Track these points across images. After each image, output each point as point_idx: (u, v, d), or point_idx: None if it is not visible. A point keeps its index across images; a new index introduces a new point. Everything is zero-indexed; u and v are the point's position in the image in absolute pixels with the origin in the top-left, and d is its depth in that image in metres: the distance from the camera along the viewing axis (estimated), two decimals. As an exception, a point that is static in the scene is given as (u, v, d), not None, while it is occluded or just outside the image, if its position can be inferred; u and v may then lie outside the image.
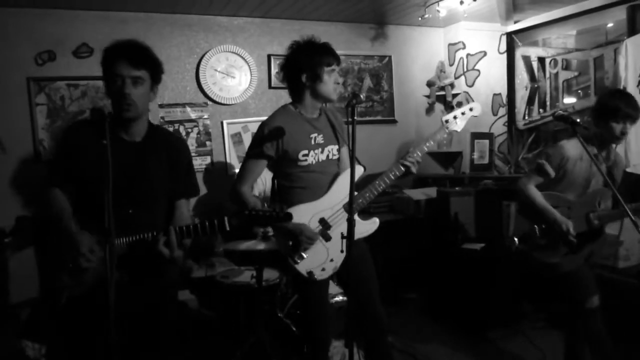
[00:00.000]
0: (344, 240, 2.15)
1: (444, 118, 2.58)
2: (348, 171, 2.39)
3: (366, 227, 2.55)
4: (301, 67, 2.43)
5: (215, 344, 3.49)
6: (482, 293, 3.91)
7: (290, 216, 2.01)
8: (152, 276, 2.09)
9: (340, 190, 2.47)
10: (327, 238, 2.46)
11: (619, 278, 3.60)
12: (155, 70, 2.08)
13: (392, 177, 2.47)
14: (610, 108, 2.63)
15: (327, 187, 2.51)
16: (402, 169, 2.46)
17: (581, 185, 2.78)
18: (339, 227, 2.44)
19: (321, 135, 2.52)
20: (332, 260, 2.45)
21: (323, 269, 2.44)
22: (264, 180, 3.90)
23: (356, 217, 2.44)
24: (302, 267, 2.41)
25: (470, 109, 2.60)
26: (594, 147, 2.69)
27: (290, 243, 2.40)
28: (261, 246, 3.14)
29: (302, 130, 2.47)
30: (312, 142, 2.48)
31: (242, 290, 3.41)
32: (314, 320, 2.57)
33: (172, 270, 2.23)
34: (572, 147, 2.74)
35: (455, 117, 2.57)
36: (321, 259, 2.44)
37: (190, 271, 3.83)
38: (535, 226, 2.75)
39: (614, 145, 2.79)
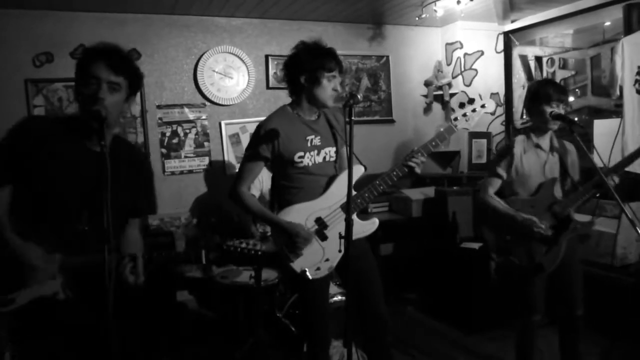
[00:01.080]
0: (342, 240, 2.14)
1: (454, 115, 2.55)
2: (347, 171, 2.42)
3: (365, 227, 2.54)
4: (302, 67, 2.42)
5: (215, 345, 3.49)
6: (480, 292, 3.93)
7: (266, 258, 1.96)
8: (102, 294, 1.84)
9: (339, 190, 2.46)
10: (323, 237, 2.46)
11: (616, 276, 3.61)
12: (134, 79, 1.92)
13: (395, 178, 2.45)
14: (542, 94, 2.74)
15: (325, 187, 2.51)
16: (406, 169, 2.44)
17: (537, 177, 2.82)
18: (336, 227, 2.44)
19: (318, 137, 2.51)
20: (327, 259, 2.45)
21: (318, 269, 2.44)
22: (261, 180, 3.91)
23: (355, 217, 2.44)
24: (297, 265, 2.42)
25: (483, 106, 2.56)
26: (534, 137, 2.83)
27: (286, 242, 2.41)
28: (260, 247, 3.14)
29: (298, 132, 2.47)
30: (309, 144, 2.48)
31: (241, 291, 3.41)
32: (314, 320, 2.57)
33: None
34: (516, 144, 2.85)
35: (465, 115, 2.55)
36: (317, 259, 2.44)
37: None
38: (507, 236, 2.80)
39: (550, 133, 2.84)
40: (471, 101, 2.62)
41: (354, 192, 2.39)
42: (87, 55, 1.87)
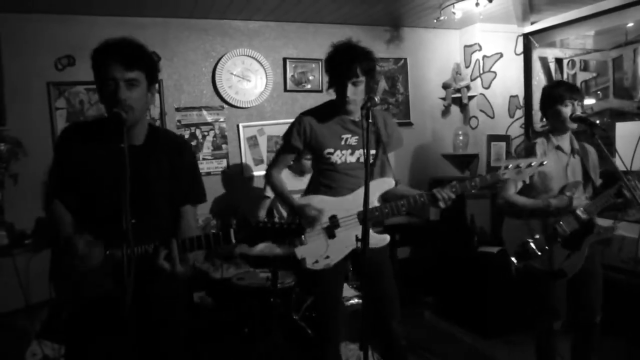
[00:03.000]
0: (359, 243, 2.13)
1: (506, 164, 2.43)
2: (378, 181, 2.50)
3: (375, 239, 2.48)
4: (331, 69, 2.47)
5: (231, 346, 3.50)
6: (497, 296, 3.88)
7: (302, 229, 1.83)
8: (154, 290, 1.94)
9: (361, 196, 2.46)
10: (331, 235, 2.47)
11: (638, 282, 3.54)
12: (150, 69, 1.90)
13: (420, 204, 2.44)
14: (554, 95, 2.74)
15: (352, 189, 2.52)
16: (432, 199, 2.41)
17: (559, 179, 2.77)
18: (346, 231, 2.45)
19: (355, 137, 2.52)
20: (327, 257, 2.46)
21: (316, 261, 2.46)
22: None
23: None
24: (299, 251, 2.47)
25: (541, 164, 2.42)
26: (554, 139, 2.80)
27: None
28: (277, 250, 3.15)
29: (332, 128, 2.50)
30: (342, 142, 2.51)
31: (258, 293, 3.42)
32: (322, 315, 2.63)
33: (175, 283, 2.04)
34: (537, 146, 2.80)
35: (518, 167, 2.41)
36: (318, 252, 2.46)
37: (207, 273, 3.86)
38: (528, 240, 2.74)
39: (569, 134, 2.80)
40: (530, 152, 2.59)
41: (377, 204, 2.45)
42: (98, 56, 1.86)
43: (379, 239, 2.53)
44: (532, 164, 2.40)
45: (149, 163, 1.92)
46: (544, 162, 2.42)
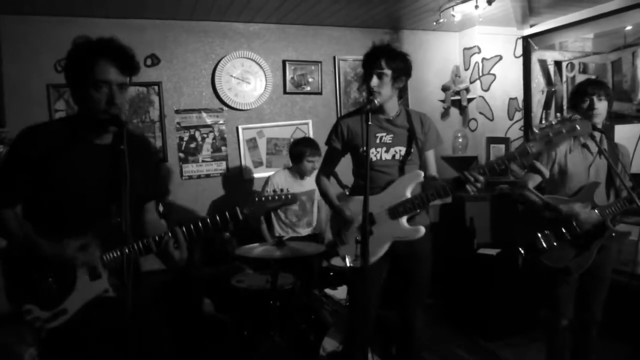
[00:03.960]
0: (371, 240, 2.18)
1: (532, 135, 2.34)
2: (410, 174, 2.58)
3: (406, 232, 2.54)
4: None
5: (231, 348, 3.49)
6: (498, 298, 3.88)
7: (295, 199, 2.05)
8: (138, 286, 1.91)
9: (395, 191, 2.56)
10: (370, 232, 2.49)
11: (638, 284, 3.54)
12: (136, 74, 1.90)
13: (446, 191, 2.44)
14: (579, 91, 2.76)
15: (384, 186, 2.59)
16: (457, 185, 2.40)
17: (580, 178, 2.76)
18: (382, 226, 2.52)
19: (390, 136, 2.63)
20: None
21: (356, 259, 2.51)
22: (277, 184, 3.92)
23: (403, 220, 2.52)
24: (341, 250, 2.65)
25: (574, 129, 2.27)
26: (582, 137, 2.75)
27: (340, 227, 2.65)
28: (277, 253, 3.15)
29: (369, 128, 2.53)
30: (378, 140, 2.61)
31: (257, 295, 3.41)
32: (349, 307, 2.77)
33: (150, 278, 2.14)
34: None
35: (547, 136, 2.28)
36: (357, 251, 2.50)
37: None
38: (539, 234, 2.72)
39: (598, 134, 2.74)
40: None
41: (408, 197, 2.51)
42: (87, 55, 1.81)
43: (410, 232, 2.54)
44: (563, 131, 2.25)
45: (121, 160, 1.78)
46: (577, 127, 2.26)
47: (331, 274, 3.86)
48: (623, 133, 4.04)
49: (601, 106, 2.70)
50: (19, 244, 1.80)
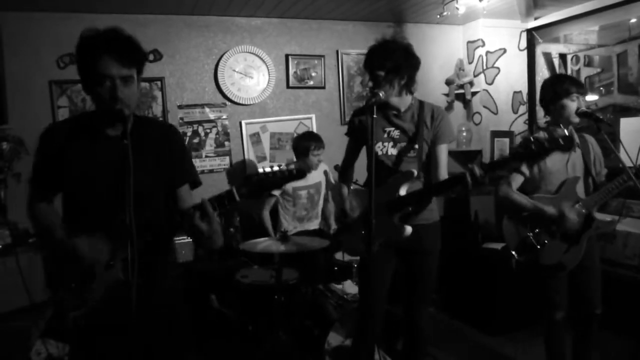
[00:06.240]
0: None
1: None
2: (404, 172, 2.52)
3: (391, 230, 2.47)
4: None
5: (235, 343, 3.50)
6: (503, 293, 3.87)
7: (303, 173, 1.74)
8: (159, 279, 1.94)
9: (388, 188, 2.51)
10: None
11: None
12: (142, 64, 1.85)
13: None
14: (561, 89, 2.70)
15: (386, 181, 2.55)
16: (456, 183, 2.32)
17: (560, 174, 2.76)
18: (376, 221, 2.44)
19: (398, 131, 2.60)
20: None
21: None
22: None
23: (396, 217, 2.49)
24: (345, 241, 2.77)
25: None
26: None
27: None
28: (280, 247, 3.14)
29: (378, 122, 2.54)
30: (385, 135, 2.60)
31: (262, 290, 3.41)
32: (359, 303, 2.80)
33: (173, 271, 2.11)
34: None
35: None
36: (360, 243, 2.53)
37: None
38: (529, 234, 2.73)
39: (571, 128, 2.73)
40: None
41: (402, 194, 2.48)
42: (91, 49, 1.77)
43: (394, 230, 2.48)
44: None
45: (134, 153, 1.75)
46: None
47: (336, 268, 3.86)
48: (628, 126, 4.02)
49: (574, 106, 2.69)
50: (57, 243, 1.84)
